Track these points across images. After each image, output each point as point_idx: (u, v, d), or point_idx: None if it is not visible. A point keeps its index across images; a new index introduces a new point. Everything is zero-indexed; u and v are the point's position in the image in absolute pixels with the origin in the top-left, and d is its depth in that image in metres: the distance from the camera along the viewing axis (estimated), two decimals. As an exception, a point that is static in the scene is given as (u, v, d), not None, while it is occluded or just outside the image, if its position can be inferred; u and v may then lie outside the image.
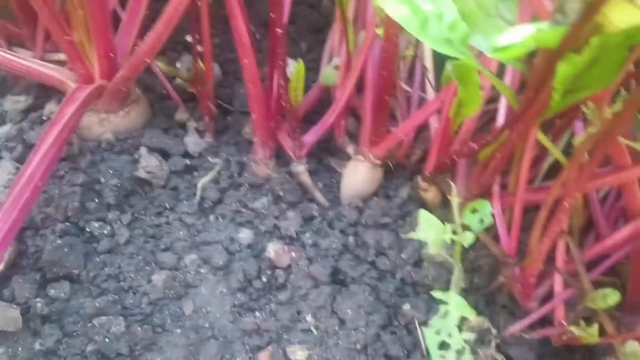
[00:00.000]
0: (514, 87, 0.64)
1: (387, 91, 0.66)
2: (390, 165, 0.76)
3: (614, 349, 0.58)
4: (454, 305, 0.47)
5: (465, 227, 0.48)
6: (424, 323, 0.62)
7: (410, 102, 0.78)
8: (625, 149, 0.54)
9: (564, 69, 0.40)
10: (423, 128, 0.81)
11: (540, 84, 0.45)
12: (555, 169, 0.72)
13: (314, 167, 0.76)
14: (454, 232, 0.48)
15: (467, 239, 0.47)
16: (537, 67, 0.46)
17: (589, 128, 0.50)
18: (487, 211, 0.48)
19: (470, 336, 0.45)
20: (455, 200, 0.48)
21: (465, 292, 0.66)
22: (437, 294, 0.47)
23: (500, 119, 0.64)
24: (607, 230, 0.66)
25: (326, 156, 0.79)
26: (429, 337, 0.45)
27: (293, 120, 0.69)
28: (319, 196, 0.73)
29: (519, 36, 0.35)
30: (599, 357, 0.62)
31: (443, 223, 0.52)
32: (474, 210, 0.49)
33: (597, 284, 0.60)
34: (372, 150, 0.72)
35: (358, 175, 0.72)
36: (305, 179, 0.74)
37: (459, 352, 0.45)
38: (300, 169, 0.73)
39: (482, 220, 0.48)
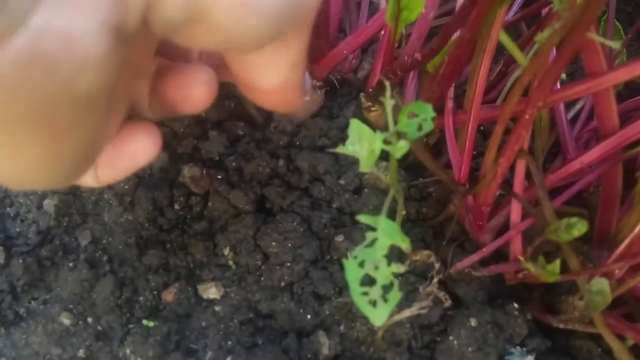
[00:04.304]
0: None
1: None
2: (335, 82, 0.66)
3: (578, 288, 0.51)
4: (383, 231, 0.38)
5: (401, 136, 0.38)
6: (360, 257, 0.53)
7: (360, 11, 0.68)
8: (599, 49, 0.44)
9: None
10: (374, 40, 0.71)
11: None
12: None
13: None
14: (386, 142, 0.38)
15: (400, 149, 0.38)
16: None
17: (554, 22, 0.41)
18: (427, 115, 0.38)
19: (401, 268, 0.36)
20: (389, 102, 0.38)
21: (412, 223, 0.58)
22: (364, 219, 0.38)
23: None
24: (575, 154, 0.57)
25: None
26: (350, 270, 0.36)
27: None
28: (253, 112, 0.63)
29: None
30: (560, 297, 0.54)
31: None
32: (411, 115, 0.39)
33: (562, 215, 0.52)
34: (311, 69, 0.61)
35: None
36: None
37: (386, 288, 0.35)
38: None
39: (420, 127, 0.39)
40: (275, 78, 0.33)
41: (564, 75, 0.49)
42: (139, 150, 0.32)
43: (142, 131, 0.32)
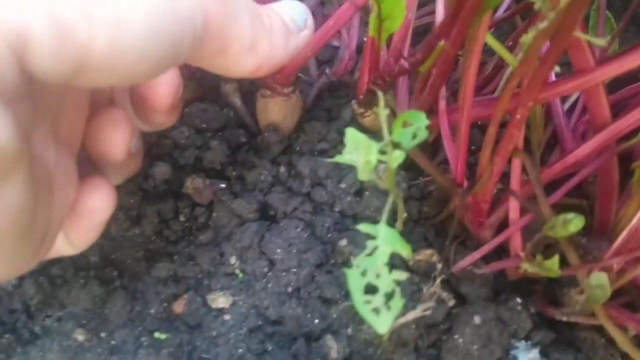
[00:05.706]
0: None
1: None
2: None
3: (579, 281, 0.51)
4: (383, 239, 0.39)
5: (396, 145, 0.39)
6: (364, 260, 0.54)
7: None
8: (586, 47, 0.45)
9: None
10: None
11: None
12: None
13: (246, 88, 0.66)
14: (382, 152, 0.39)
15: (396, 158, 0.38)
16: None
17: (538, 22, 0.41)
18: (421, 123, 0.39)
19: (402, 275, 0.37)
20: (382, 112, 0.39)
21: (414, 223, 0.59)
22: (364, 227, 0.39)
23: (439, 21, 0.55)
24: (573, 145, 0.58)
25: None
26: (352, 279, 0.37)
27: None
28: (249, 121, 0.64)
29: None
30: (563, 288, 0.54)
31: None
32: (405, 124, 0.40)
33: (562, 206, 0.52)
34: (277, 77, 0.57)
35: (271, 115, 0.61)
36: (235, 100, 0.64)
37: (388, 296, 0.36)
38: (230, 88, 0.64)
39: (415, 136, 0.39)
40: (249, 64, 0.30)
41: (557, 68, 0.49)
42: (96, 206, 0.30)
43: (92, 187, 0.30)
